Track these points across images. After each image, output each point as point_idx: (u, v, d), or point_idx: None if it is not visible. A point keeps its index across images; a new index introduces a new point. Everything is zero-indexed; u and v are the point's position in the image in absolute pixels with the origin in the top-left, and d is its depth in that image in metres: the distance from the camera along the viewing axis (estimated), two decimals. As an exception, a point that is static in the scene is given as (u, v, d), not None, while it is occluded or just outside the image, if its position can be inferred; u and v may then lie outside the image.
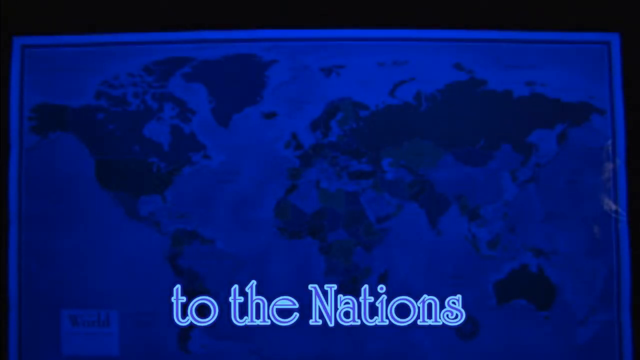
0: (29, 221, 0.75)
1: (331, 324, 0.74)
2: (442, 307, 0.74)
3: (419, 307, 0.74)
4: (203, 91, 0.75)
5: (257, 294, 0.74)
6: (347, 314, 0.74)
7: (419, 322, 0.74)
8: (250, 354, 0.74)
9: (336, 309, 0.74)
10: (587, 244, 0.74)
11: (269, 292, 0.74)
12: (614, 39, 0.76)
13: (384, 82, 0.75)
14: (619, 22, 0.76)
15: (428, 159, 0.75)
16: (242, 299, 0.74)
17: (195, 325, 0.74)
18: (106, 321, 0.74)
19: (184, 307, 0.74)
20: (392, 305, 0.74)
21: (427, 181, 0.75)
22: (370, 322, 0.74)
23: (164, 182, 0.75)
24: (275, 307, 0.74)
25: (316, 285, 0.74)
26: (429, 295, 0.74)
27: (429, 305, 0.74)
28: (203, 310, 0.74)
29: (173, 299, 0.74)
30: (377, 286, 0.74)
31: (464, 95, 0.75)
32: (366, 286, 0.74)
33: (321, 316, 0.74)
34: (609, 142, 0.75)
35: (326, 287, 0.74)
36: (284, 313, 0.74)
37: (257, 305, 0.74)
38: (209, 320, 0.74)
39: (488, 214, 0.75)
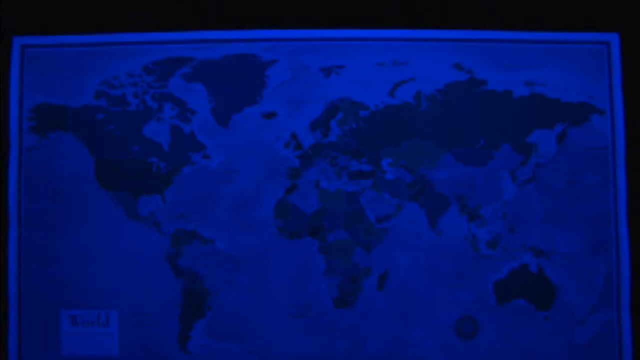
0: (28, 221, 0.75)
1: (331, 324, 0.74)
2: (441, 306, 0.74)
3: (418, 307, 0.74)
4: (203, 91, 0.75)
5: (257, 293, 0.74)
6: (346, 313, 0.74)
7: (419, 322, 0.74)
8: (250, 354, 0.74)
9: (336, 308, 0.74)
10: (587, 244, 0.74)
11: (269, 291, 0.74)
12: (614, 39, 0.76)
13: (383, 82, 0.75)
14: (619, 22, 0.76)
15: (428, 159, 0.75)
16: (241, 299, 0.74)
17: (195, 326, 0.74)
18: (106, 321, 0.74)
19: (184, 307, 0.74)
20: (392, 305, 0.74)
21: (427, 181, 0.75)
22: (370, 322, 0.74)
23: (163, 182, 0.75)
24: (275, 306, 0.74)
25: (316, 285, 0.74)
26: (428, 295, 0.74)
27: (429, 304, 0.74)
28: (203, 310, 0.74)
29: (173, 299, 0.74)
30: (377, 286, 0.74)
31: (463, 95, 0.75)
32: (366, 286, 0.74)
33: (321, 316, 0.74)
34: (609, 142, 0.75)
35: (326, 286, 0.74)
36: (284, 312, 0.74)
37: (257, 305, 0.74)
38: (208, 320, 0.74)
39: (488, 214, 0.75)
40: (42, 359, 0.74)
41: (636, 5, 0.77)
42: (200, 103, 0.75)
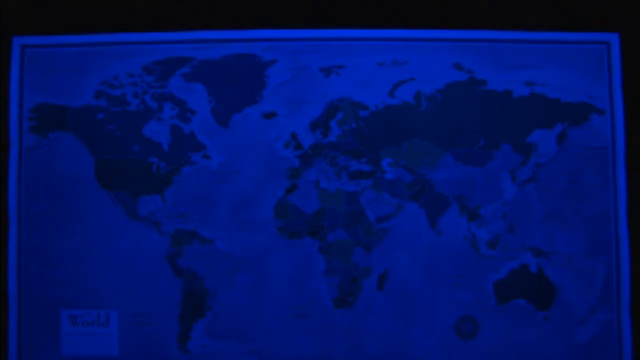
0: (28, 221, 0.75)
1: (331, 324, 0.74)
2: (441, 306, 0.74)
3: (418, 307, 0.74)
4: (203, 91, 0.76)
5: (257, 293, 0.74)
6: (346, 313, 0.74)
7: (419, 322, 0.74)
8: (250, 354, 0.74)
9: (336, 308, 0.74)
10: (587, 244, 0.74)
11: (269, 291, 0.74)
12: (614, 39, 0.76)
13: (383, 82, 0.75)
14: (619, 22, 0.76)
15: (428, 159, 0.75)
16: (241, 299, 0.74)
17: (195, 326, 0.74)
18: (106, 321, 0.74)
19: (184, 307, 0.74)
20: (392, 305, 0.74)
21: (427, 181, 0.75)
22: (370, 322, 0.74)
23: (163, 182, 0.75)
24: (275, 306, 0.74)
25: (316, 285, 0.74)
26: (428, 295, 0.74)
27: (429, 304, 0.74)
28: (203, 310, 0.74)
29: (173, 299, 0.74)
30: (377, 286, 0.74)
31: (463, 95, 0.75)
32: (366, 286, 0.74)
33: (321, 316, 0.74)
34: (609, 142, 0.75)
35: (326, 286, 0.74)
36: (284, 312, 0.74)
37: (257, 305, 0.74)
38: (208, 320, 0.74)
39: (488, 214, 0.75)
40: (42, 359, 0.74)
41: (636, 5, 0.77)
42: (200, 103, 0.75)
